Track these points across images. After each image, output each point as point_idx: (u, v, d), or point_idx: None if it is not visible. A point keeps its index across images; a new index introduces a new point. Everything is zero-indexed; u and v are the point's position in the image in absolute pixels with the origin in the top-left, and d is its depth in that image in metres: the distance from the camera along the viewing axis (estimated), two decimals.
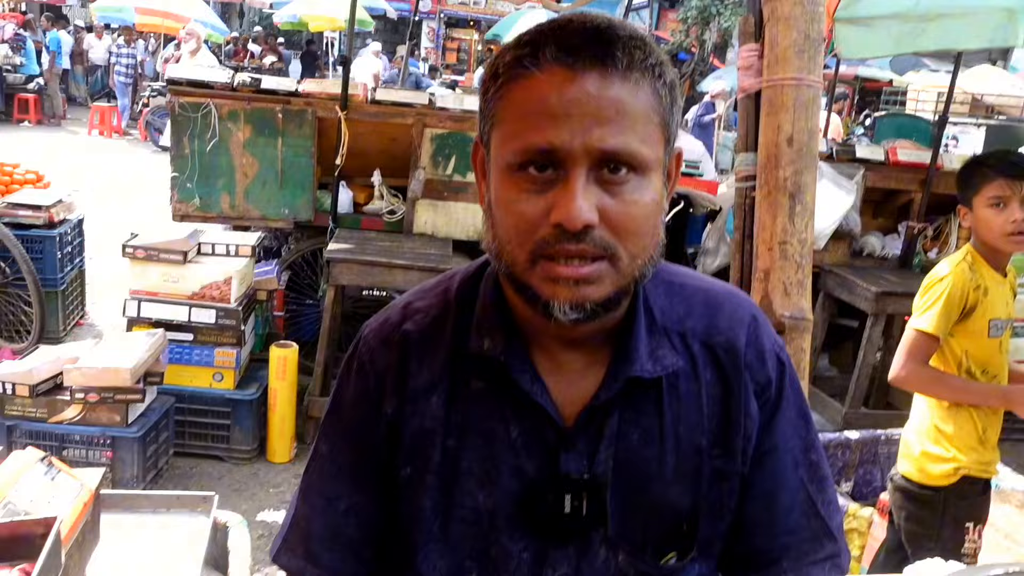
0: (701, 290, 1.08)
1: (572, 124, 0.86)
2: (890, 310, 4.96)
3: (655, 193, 0.91)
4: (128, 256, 4.07)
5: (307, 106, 4.77)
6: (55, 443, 3.65)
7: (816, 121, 1.27)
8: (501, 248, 0.93)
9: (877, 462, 3.97)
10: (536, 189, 0.89)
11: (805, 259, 1.28)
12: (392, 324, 1.07)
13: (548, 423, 0.99)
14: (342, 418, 1.08)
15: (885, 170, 5.47)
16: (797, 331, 1.28)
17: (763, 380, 1.05)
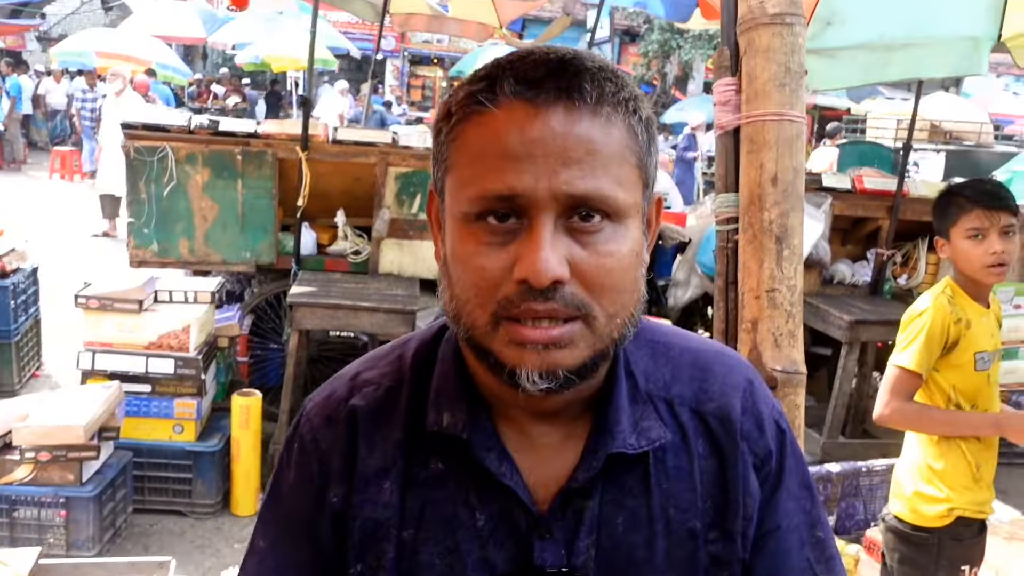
0: (688, 351, 0.97)
1: (536, 166, 0.76)
2: (864, 338, 4.93)
3: (633, 243, 0.81)
4: (81, 306, 3.91)
5: (267, 147, 4.66)
6: (5, 505, 3.48)
7: (801, 158, 1.19)
8: (459, 309, 0.82)
9: (859, 495, 3.90)
10: (497, 241, 0.78)
11: (796, 307, 1.19)
12: (338, 399, 0.95)
13: (519, 508, 0.87)
14: (282, 508, 0.96)
15: (852, 198, 5.46)
16: (791, 386, 1.19)
17: (763, 452, 0.94)
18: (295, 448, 0.95)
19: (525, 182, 0.76)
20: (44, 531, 3.53)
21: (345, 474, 0.91)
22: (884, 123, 12.48)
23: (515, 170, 0.76)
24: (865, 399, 5.33)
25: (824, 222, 5.22)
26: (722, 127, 1.28)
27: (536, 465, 0.89)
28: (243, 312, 4.90)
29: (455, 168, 0.81)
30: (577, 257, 0.78)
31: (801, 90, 1.18)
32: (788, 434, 0.97)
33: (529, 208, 0.77)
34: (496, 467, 0.87)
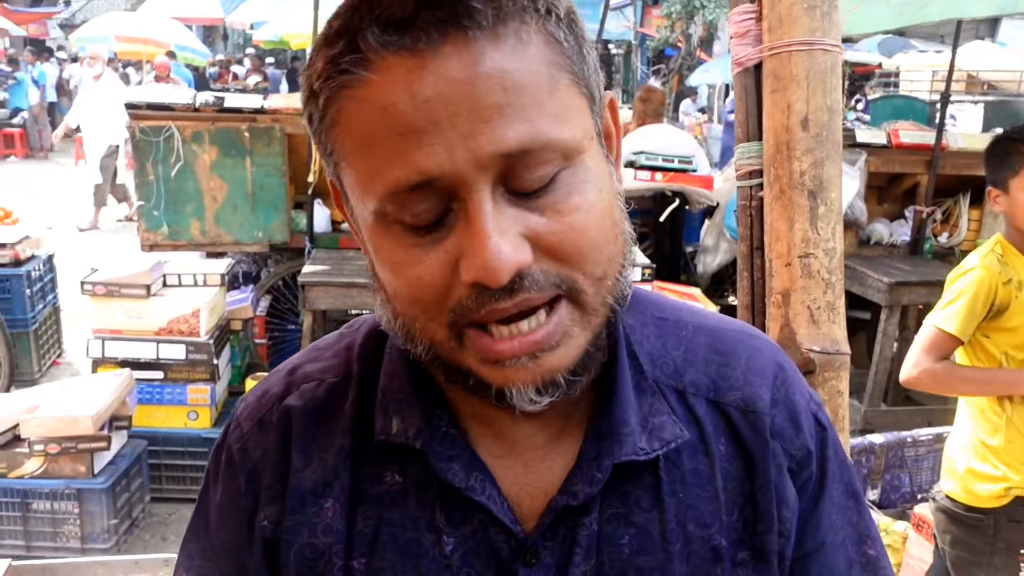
0: (704, 330, 0.79)
1: (444, 134, 0.57)
2: (904, 300, 4.71)
3: (599, 179, 0.63)
4: (88, 293, 3.80)
5: (274, 122, 4.51)
6: (18, 499, 3.39)
7: (838, 96, 1.00)
8: (409, 327, 0.65)
9: (904, 466, 3.70)
10: (428, 240, 0.61)
11: (835, 275, 1.00)
12: (271, 398, 0.77)
13: (497, 528, 0.70)
14: (208, 534, 0.78)
15: (888, 154, 5.21)
16: (832, 369, 1.00)
17: (799, 452, 0.76)
18: (222, 460, 0.78)
19: (437, 158, 0.58)
20: (58, 524, 3.45)
21: (277, 491, 0.74)
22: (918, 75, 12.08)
23: (420, 146, 0.58)
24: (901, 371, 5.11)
25: (859, 180, 4.98)
26: (740, 64, 1.08)
27: (519, 473, 0.72)
28: (258, 293, 4.78)
29: (345, 162, 0.63)
30: (536, 227, 0.60)
31: (835, 13, 0.98)
32: (830, 431, 0.79)
33: (454, 188, 0.59)
34: (461, 480, 0.69)
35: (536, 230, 0.60)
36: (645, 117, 5.84)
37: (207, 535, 0.78)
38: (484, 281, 0.58)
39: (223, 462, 0.78)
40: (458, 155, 0.58)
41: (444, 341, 0.63)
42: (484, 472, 0.70)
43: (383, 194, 0.60)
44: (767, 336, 0.82)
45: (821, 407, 0.80)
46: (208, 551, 0.78)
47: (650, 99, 5.93)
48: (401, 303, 0.64)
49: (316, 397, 0.76)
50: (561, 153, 0.60)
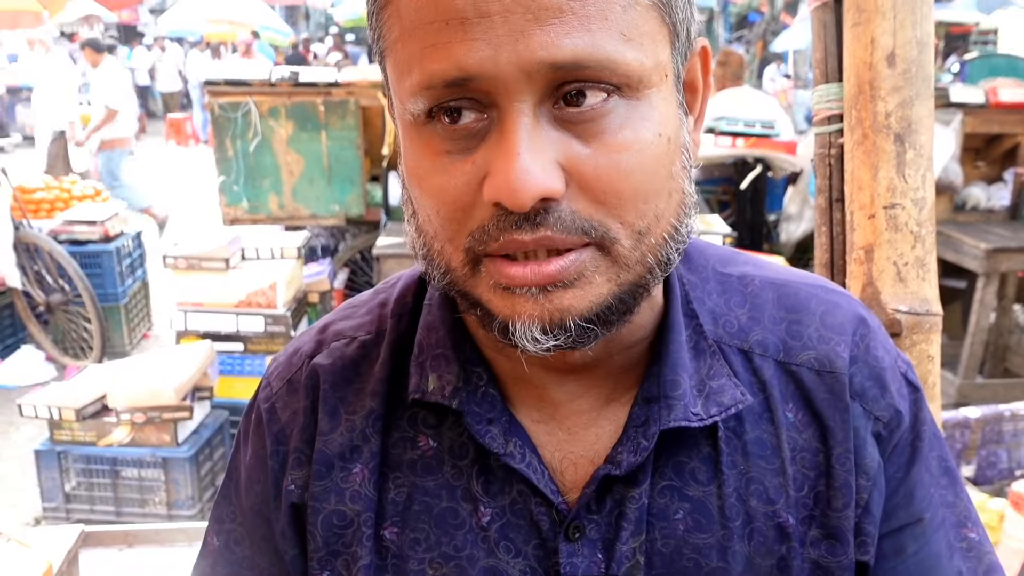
0: (773, 284, 0.71)
1: (493, 29, 0.51)
2: (1003, 267, 4.47)
3: (662, 123, 0.56)
4: (170, 267, 3.89)
5: (349, 96, 4.52)
6: (107, 466, 3.51)
7: (929, 27, 0.90)
8: (428, 247, 0.60)
9: (1002, 441, 3.52)
10: (457, 148, 0.55)
11: (925, 228, 0.91)
12: (301, 356, 0.74)
13: (538, 499, 0.65)
14: (238, 498, 0.76)
15: (986, 113, 4.93)
16: (921, 331, 0.91)
17: (887, 414, 0.68)
18: (251, 420, 0.75)
19: (479, 55, 0.51)
20: (145, 491, 3.55)
21: (305, 455, 0.70)
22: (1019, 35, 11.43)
23: (463, 39, 0.52)
24: (1006, 335, 4.87)
25: (954, 141, 4.73)
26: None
27: (563, 440, 0.67)
28: (335, 266, 4.82)
29: (392, 49, 0.57)
30: (576, 156, 0.54)
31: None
32: (922, 394, 0.71)
33: (493, 93, 0.53)
34: (500, 446, 0.64)
35: (575, 160, 0.54)
36: (724, 81, 5.66)
37: (236, 498, 0.76)
38: (504, 201, 0.53)
39: (252, 422, 0.75)
40: (503, 55, 0.51)
41: (459, 267, 0.58)
42: (524, 437, 0.65)
43: (418, 87, 0.54)
44: (845, 290, 0.74)
45: (911, 367, 0.72)
46: (237, 513, 0.75)
47: (728, 63, 5.74)
48: (424, 217, 0.59)
49: (346, 355, 0.72)
50: (621, 78, 0.53)
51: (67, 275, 4.99)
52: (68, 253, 4.96)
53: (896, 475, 0.69)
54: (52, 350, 5.30)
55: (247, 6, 16.13)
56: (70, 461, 3.53)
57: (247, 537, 0.75)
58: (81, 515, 3.49)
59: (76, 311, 5.15)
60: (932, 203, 0.92)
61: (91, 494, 3.53)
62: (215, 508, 0.78)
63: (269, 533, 0.72)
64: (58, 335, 5.33)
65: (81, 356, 5.24)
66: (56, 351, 5.29)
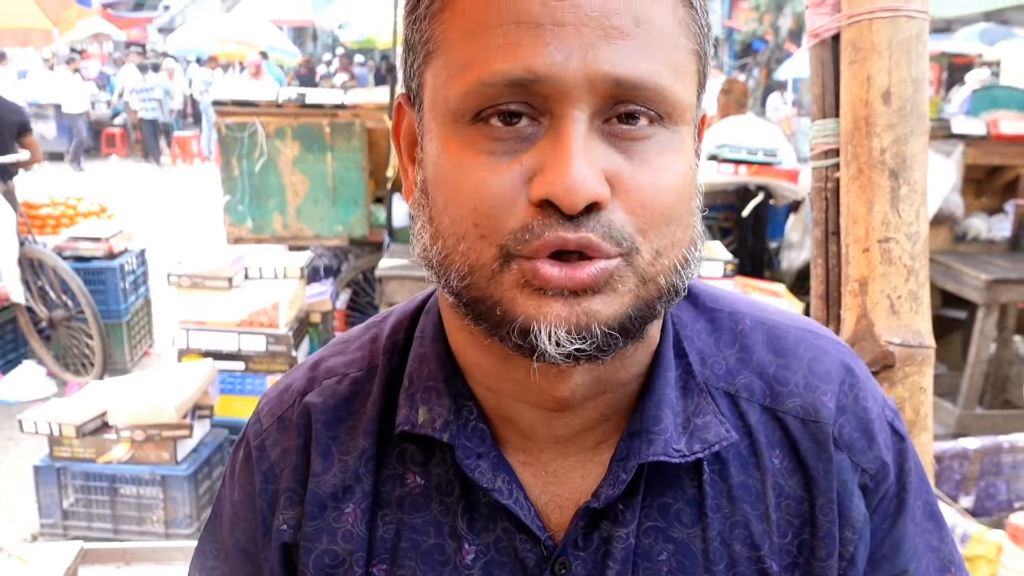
0: (762, 325, 0.72)
1: (566, 38, 0.54)
2: (1003, 299, 4.48)
3: (690, 160, 0.60)
4: (174, 284, 3.91)
5: (355, 118, 4.57)
6: (107, 483, 3.50)
7: (924, 66, 0.92)
8: (450, 249, 0.59)
9: (1001, 473, 3.52)
10: (503, 150, 0.56)
11: (918, 261, 0.93)
12: (293, 393, 0.74)
13: (524, 536, 0.65)
14: (223, 533, 0.75)
15: (987, 145, 4.96)
16: (914, 363, 0.92)
17: (874, 466, 0.68)
18: (241, 456, 0.75)
19: (551, 60, 0.53)
20: (144, 509, 3.55)
21: (297, 494, 0.70)
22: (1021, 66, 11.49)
23: (535, 42, 0.54)
24: (1006, 366, 4.87)
25: (955, 172, 4.76)
26: (817, 35, 1.01)
27: (549, 483, 0.67)
28: (337, 287, 4.84)
29: (443, 50, 0.58)
30: (621, 172, 0.56)
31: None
32: (908, 442, 0.72)
33: (555, 100, 0.54)
34: (488, 480, 0.65)
35: (620, 173, 0.56)
36: (728, 109, 5.71)
37: (221, 534, 0.76)
38: (558, 199, 0.54)
39: (241, 458, 0.75)
40: (572, 63, 0.54)
41: (488, 263, 0.57)
42: (510, 473, 0.66)
43: (475, 84, 0.56)
44: (834, 335, 0.75)
45: (898, 415, 0.73)
46: (222, 551, 0.75)
47: (732, 90, 5.79)
48: (452, 218, 0.58)
49: (337, 393, 0.72)
50: (668, 107, 0.57)
51: (70, 291, 5.01)
52: (72, 269, 4.98)
53: (883, 526, 0.70)
54: (53, 366, 5.30)
55: (255, 27, 16.27)
56: (69, 477, 3.52)
57: (228, 574, 0.75)
58: (79, 532, 3.49)
59: (78, 327, 5.17)
60: (926, 238, 0.93)
61: (89, 511, 3.53)
62: (200, 543, 0.78)
63: (254, 571, 0.73)
64: (60, 351, 5.34)
65: (82, 372, 5.25)
66: (57, 367, 5.30)
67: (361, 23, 16.99)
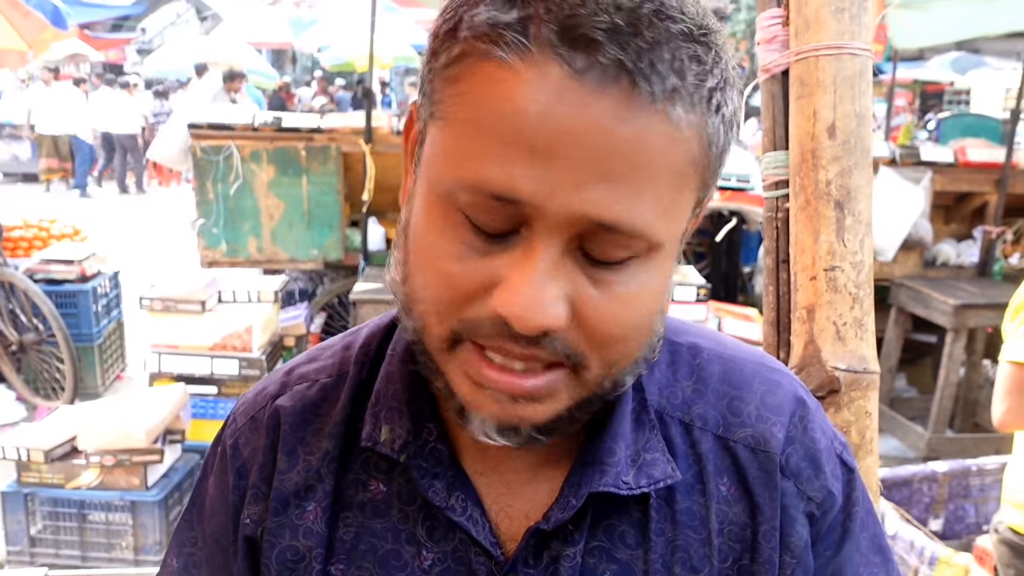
0: (720, 358, 0.74)
1: (556, 169, 0.53)
2: (971, 323, 4.54)
3: (664, 278, 0.60)
4: (145, 308, 3.89)
5: (331, 141, 4.58)
6: (74, 510, 3.46)
7: (867, 102, 0.95)
8: (411, 305, 0.61)
9: (969, 496, 3.55)
10: (478, 246, 0.57)
11: (863, 290, 0.95)
12: (266, 396, 0.77)
13: (478, 550, 0.68)
14: (199, 524, 0.79)
15: (955, 172, 5.05)
16: (859, 388, 0.95)
17: (820, 495, 0.70)
18: (217, 453, 0.78)
19: (536, 186, 0.53)
20: (113, 536, 3.50)
21: (261, 491, 0.73)
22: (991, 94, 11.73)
23: (527, 165, 0.53)
24: (975, 389, 4.93)
25: (924, 199, 4.84)
26: (767, 70, 1.04)
27: (501, 493, 0.69)
28: (312, 311, 4.83)
29: (446, 123, 0.58)
30: (584, 297, 0.57)
31: (865, 15, 0.94)
32: (856, 475, 0.74)
33: (532, 220, 0.55)
34: (442, 500, 0.67)
35: (582, 299, 0.57)
36: None
37: (199, 524, 0.79)
38: (511, 321, 0.55)
39: (217, 455, 0.78)
40: (557, 198, 0.54)
41: (438, 339, 0.60)
42: (467, 491, 0.68)
43: (465, 183, 0.56)
44: (787, 369, 0.78)
45: (847, 448, 0.75)
46: (198, 539, 0.78)
47: None
48: (419, 282, 0.60)
49: (307, 398, 0.75)
50: (647, 244, 0.57)
51: (42, 314, 4.96)
52: (44, 292, 4.94)
53: (826, 553, 0.71)
54: (23, 390, 5.24)
55: (234, 49, 16.27)
56: (37, 504, 3.48)
57: (205, 562, 0.77)
58: (46, 559, 3.44)
59: (49, 351, 5.11)
60: (870, 266, 0.96)
61: (57, 538, 3.48)
62: (177, 531, 0.81)
63: (226, 562, 0.75)
64: (30, 375, 5.28)
65: (53, 397, 5.19)
66: (27, 391, 5.24)
67: (340, 46, 17.06)
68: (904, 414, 5.05)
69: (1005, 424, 2.07)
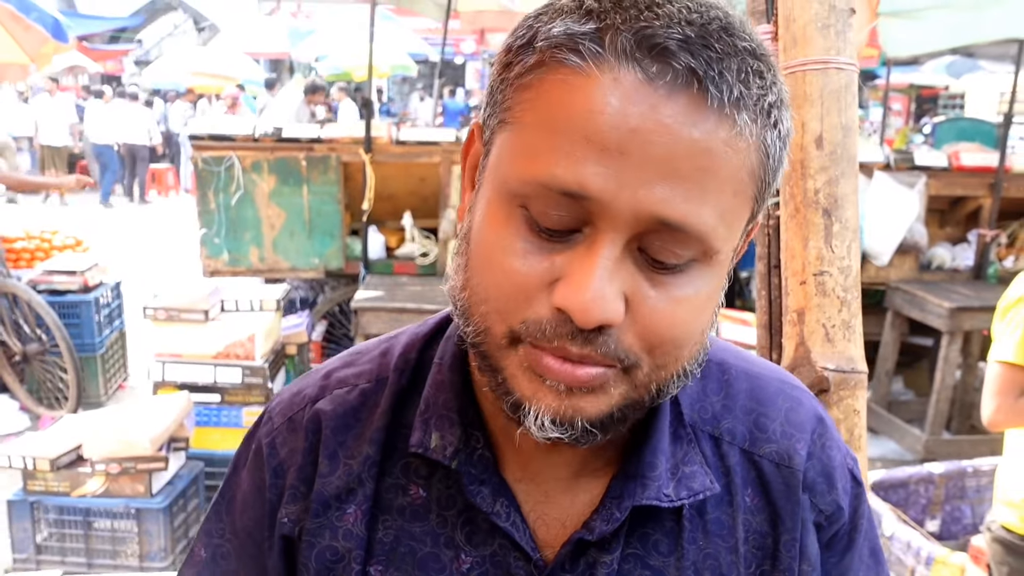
0: (747, 376, 0.78)
1: (626, 168, 0.56)
2: (967, 326, 4.58)
3: (716, 287, 0.63)
4: (149, 317, 3.93)
5: (331, 151, 4.63)
6: (80, 517, 3.49)
7: (852, 114, 1.00)
8: (471, 306, 0.63)
9: (965, 497, 3.59)
10: (541, 243, 0.60)
11: (851, 293, 1.00)
12: (304, 399, 0.79)
13: (517, 554, 0.71)
14: (230, 517, 0.81)
15: (949, 176, 5.11)
16: (847, 388, 0.99)
17: (830, 508, 0.76)
18: (251, 450, 0.81)
19: (605, 183, 0.56)
20: (118, 542, 3.54)
21: (300, 492, 0.76)
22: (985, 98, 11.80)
23: (597, 163, 0.56)
24: (971, 392, 4.97)
25: (918, 203, 4.88)
26: None
27: (541, 501, 0.73)
28: (313, 319, 4.87)
29: (517, 128, 0.61)
30: (641, 296, 0.60)
31: (849, 31, 0.99)
32: (863, 489, 0.79)
33: (599, 218, 0.57)
34: (488, 505, 0.70)
35: (639, 297, 0.60)
36: None
37: (229, 517, 0.81)
38: (572, 313, 0.58)
39: (252, 452, 0.80)
40: (624, 194, 0.56)
41: (497, 338, 0.62)
42: (509, 498, 0.71)
43: (533, 179, 0.58)
44: (807, 388, 0.82)
45: (856, 463, 0.80)
46: (229, 531, 0.80)
47: None
48: (481, 282, 0.62)
49: (347, 402, 0.77)
50: (707, 249, 0.60)
51: (45, 325, 4.99)
52: (47, 303, 4.98)
53: (831, 560, 0.77)
54: (26, 400, 5.27)
55: (232, 59, 16.33)
56: (42, 512, 3.51)
57: (234, 553, 0.80)
58: (52, 567, 3.47)
59: (52, 361, 5.15)
60: (857, 271, 1.00)
61: (63, 545, 3.51)
62: (205, 522, 0.83)
63: (258, 553, 0.78)
64: (33, 385, 5.31)
65: (56, 406, 5.22)
66: (31, 401, 5.27)
67: (337, 56, 17.11)
68: (901, 417, 5.10)
69: (995, 423, 2.12)
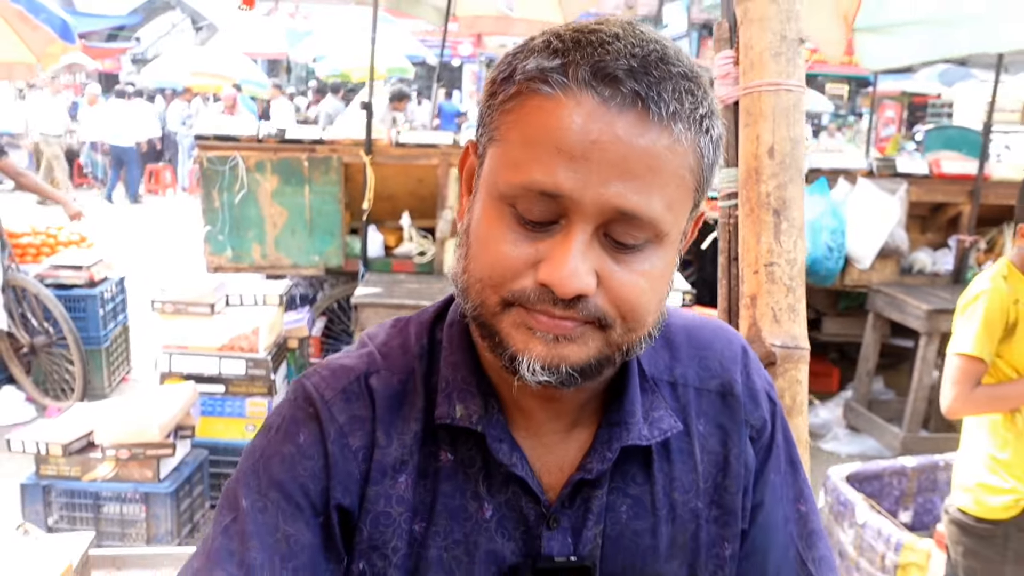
0: (683, 328, 0.96)
1: (589, 170, 0.72)
2: (944, 328, 4.74)
3: (669, 264, 0.79)
4: (157, 310, 4.07)
5: (332, 152, 4.78)
6: (90, 500, 3.63)
7: (800, 129, 1.16)
8: (470, 286, 0.79)
9: (937, 489, 3.76)
10: (526, 233, 0.76)
11: (795, 281, 1.16)
12: (356, 373, 0.89)
13: (528, 498, 0.87)
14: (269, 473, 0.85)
15: (930, 183, 5.28)
16: (791, 361, 1.16)
17: (758, 423, 0.94)
18: (299, 415, 0.87)
19: (574, 183, 0.72)
20: (127, 526, 3.68)
21: (365, 454, 0.86)
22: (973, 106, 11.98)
23: (567, 168, 0.72)
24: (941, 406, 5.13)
25: (900, 209, 5.05)
26: (723, 101, 1.26)
27: (543, 454, 0.89)
28: (313, 315, 5.02)
29: (503, 144, 0.77)
30: (608, 270, 0.75)
31: (798, 58, 1.15)
32: (779, 406, 0.97)
33: (571, 211, 0.73)
34: (507, 458, 0.85)
35: (607, 272, 0.75)
36: None
37: (267, 472, 0.84)
38: (553, 286, 0.73)
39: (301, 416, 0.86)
40: (589, 191, 0.72)
41: (492, 307, 0.77)
42: (520, 452, 0.87)
43: (518, 184, 0.74)
44: (730, 326, 1.00)
45: (772, 386, 0.98)
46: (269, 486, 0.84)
47: None
48: (477, 266, 0.78)
49: (391, 387, 0.89)
50: (657, 232, 0.75)
51: (52, 318, 5.13)
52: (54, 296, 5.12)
53: (758, 468, 0.94)
54: (33, 391, 5.41)
55: (230, 59, 16.45)
56: (54, 495, 3.64)
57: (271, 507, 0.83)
58: None
59: (59, 353, 5.29)
60: (802, 263, 1.17)
61: (73, 528, 3.65)
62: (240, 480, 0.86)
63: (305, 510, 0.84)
64: (40, 376, 5.45)
65: (62, 397, 5.36)
66: (37, 392, 5.41)
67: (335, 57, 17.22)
68: (882, 416, 5.26)
69: (953, 411, 2.28)
